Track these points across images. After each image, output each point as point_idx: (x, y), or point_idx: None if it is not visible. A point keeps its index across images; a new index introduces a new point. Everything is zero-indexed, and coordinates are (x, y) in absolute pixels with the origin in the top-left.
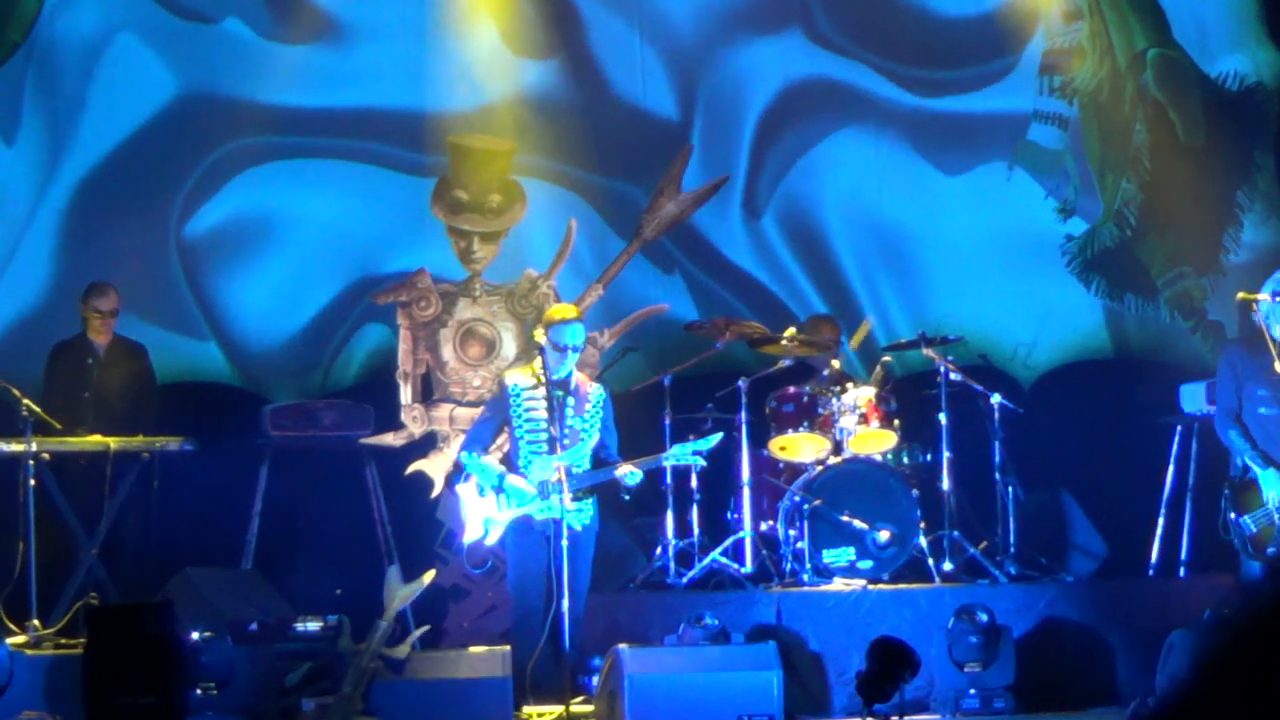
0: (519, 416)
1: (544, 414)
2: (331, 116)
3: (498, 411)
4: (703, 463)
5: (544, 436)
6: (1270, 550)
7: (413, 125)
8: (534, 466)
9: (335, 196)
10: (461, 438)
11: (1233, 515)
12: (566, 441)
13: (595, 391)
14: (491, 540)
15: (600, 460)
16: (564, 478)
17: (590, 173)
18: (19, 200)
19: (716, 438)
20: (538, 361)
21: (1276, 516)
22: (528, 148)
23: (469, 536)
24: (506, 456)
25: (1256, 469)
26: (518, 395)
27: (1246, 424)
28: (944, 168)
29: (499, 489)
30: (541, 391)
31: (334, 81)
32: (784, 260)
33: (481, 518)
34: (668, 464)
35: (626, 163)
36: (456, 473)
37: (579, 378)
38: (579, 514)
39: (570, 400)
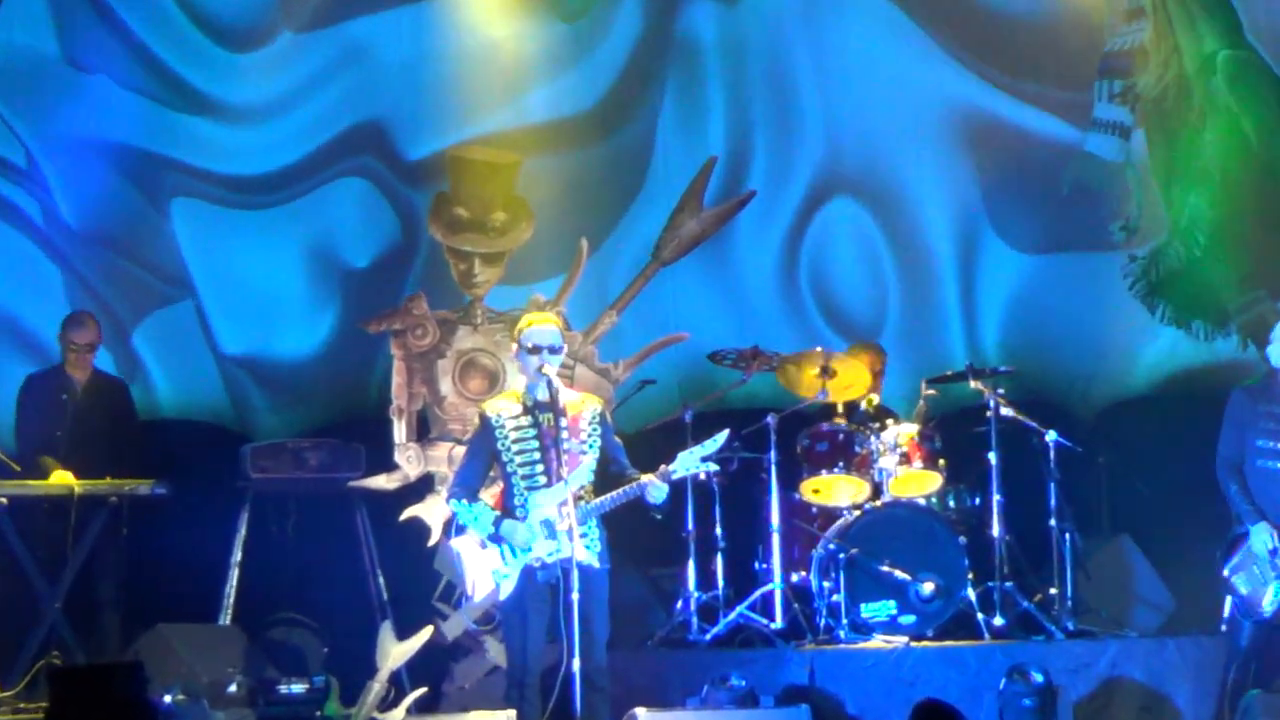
0: (507, 450)
1: (534, 442)
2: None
3: (482, 447)
4: (714, 468)
5: (539, 468)
6: (1266, 610)
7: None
8: (533, 503)
9: None
10: None
11: (1225, 573)
12: (564, 470)
13: (588, 405)
14: (505, 595)
15: (615, 477)
16: (571, 508)
17: (605, 186)
18: None
19: (722, 436)
20: (520, 384)
21: (1269, 572)
22: (533, 157)
23: (479, 594)
24: (502, 497)
25: (1247, 524)
26: (501, 426)
27: (1247, 475)
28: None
29: (495, 539)
30: (528, 418)
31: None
32: (813, 284)
33: (488, 572)
34: (675, 476)
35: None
36: (454, 518)
37: (569, 394)
38: (589, 547)
39: (562, 421)
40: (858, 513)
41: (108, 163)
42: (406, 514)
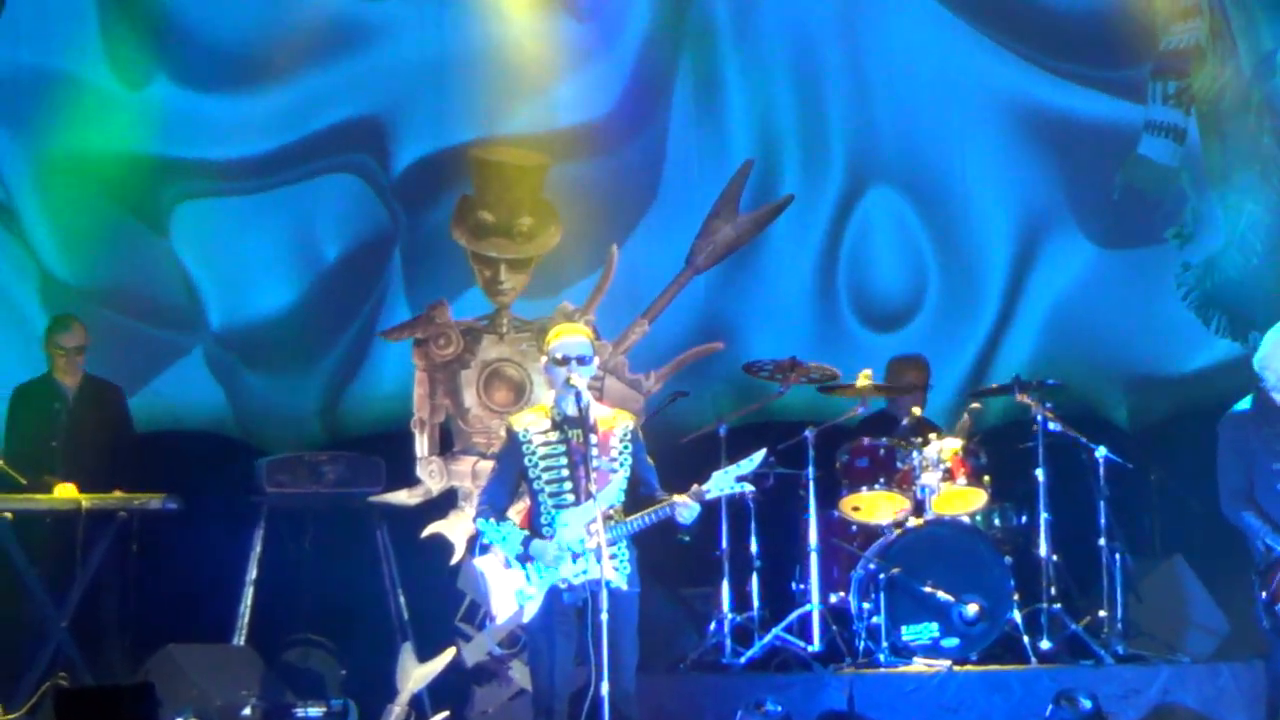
0: (534, 466)
1: (563, 458)
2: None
3: (510, 464)
4: (750, 488)
5: (567, 486)
6: None
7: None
8: (561, 522)
9: None
10: None
11: (1264, 597)
12: (593, 487)
13: (620, 421)
14: (528, 617)
15: (645, 501)
16: (600, 528)
17: (636, 190)
18: None
19: (759, 456)
20: (549, 398)
21: None
22: (562, 160)
23: (502, 615)
24: (529, 515)
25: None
26: (529, 442)
27: (1261, 503)
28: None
29: (523, 559)
30: (556, 434)
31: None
32: (851, 285)
33: (513, 592)
34: (709, 497)
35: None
36: (478, 536)
37: (600, 408)
38: (618, 569)
39: (592, 437)
40: (899, 531)
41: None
42: (428, 531)
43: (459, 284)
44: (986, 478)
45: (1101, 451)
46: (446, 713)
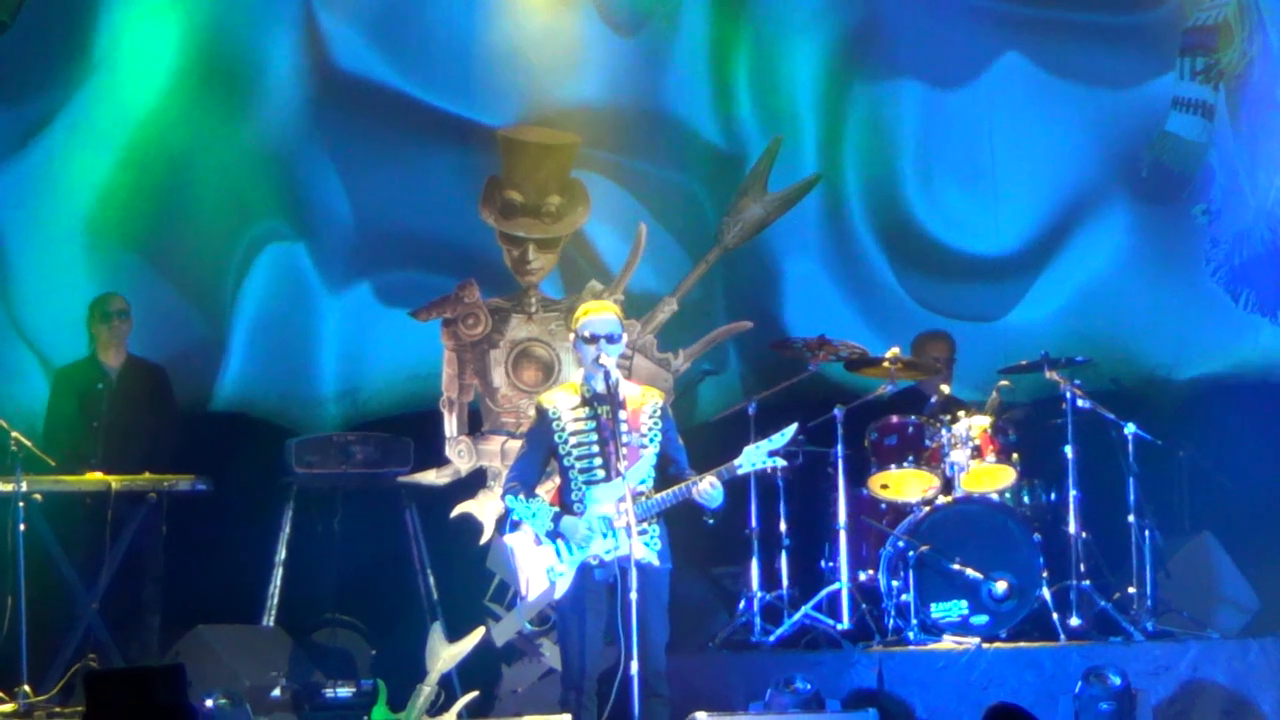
0: (564, 443)
1: (593, 435)
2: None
3: (539, 442)
4: (781, 463)
5: (597, 462)
6: None
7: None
8: (591, 499)
9: None
10: None
11: None
12: (623, 465)
13: (649, 399)
14: (560, 594)
15: (674, 480)
16: (630, 504)
17: (663, 169)
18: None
19: (791, 430)
20: (578, 376)
21: None
22: (591, 141)
23: (533, 593)
24: (559, 492)
25: None
26: (559, 419)
27: None
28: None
29: (553, 535)
30: (586, 410)
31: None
32: (877, 265)
33: (543, 570)
34: (741, 472)
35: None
36: (508, 514)
37: (629, 386)
38: (649, 544)
39: (621, 414)
40: (928, 509)
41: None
42: (457, 510)
43: None
44: (1016, 455)
45: (1131, 428)
46: (476, 693)
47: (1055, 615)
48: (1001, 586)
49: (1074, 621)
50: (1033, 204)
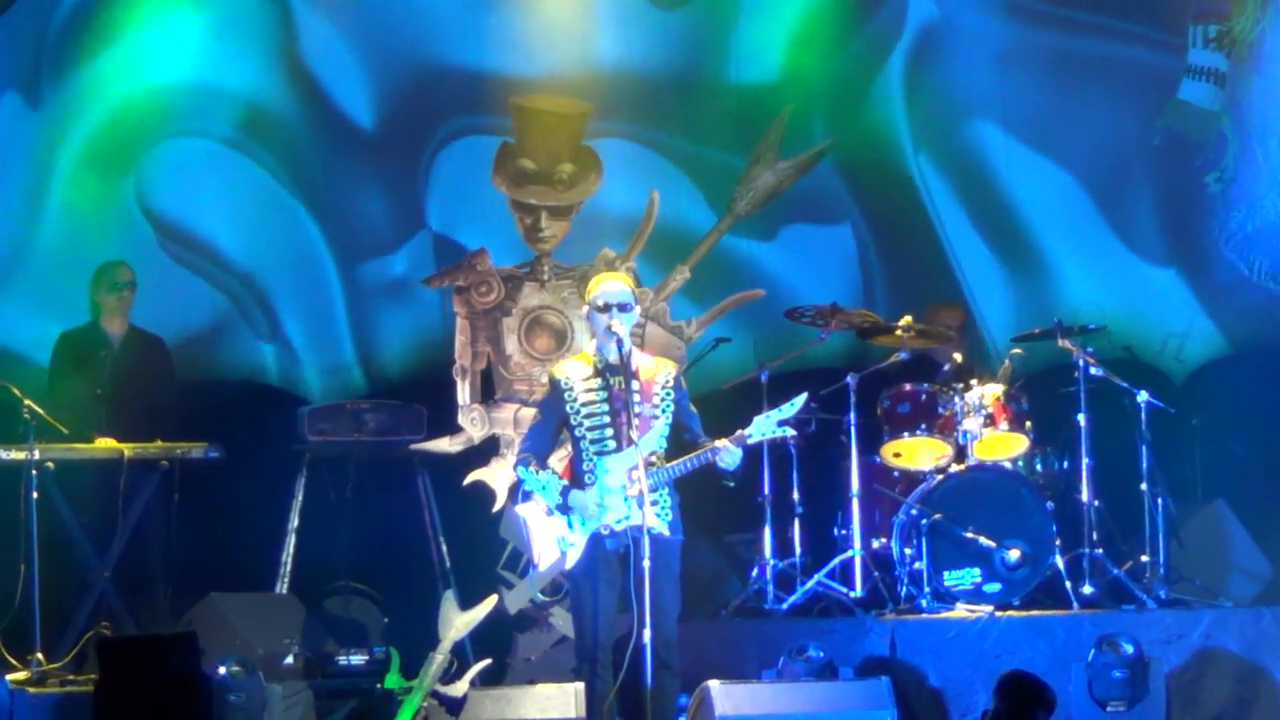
0: (576, 414)
1: (605, 405)
2: None
3: (552, 412)
4: (791, 432)
5: (609, 432)
6: None
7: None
8: (603, 468)
9: None
10: None
11: None
12: (635, 433)
13: (662, 369)
14: (571, 564)
15: (688, 447)
16: (643, 473)
17: (676, 138)
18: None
19: (800, 400)
20: (591, 346)
21: None
22: (603, 109)
23: (544, 563)
24: (571, 462)
25: None
26: (570, 389)
27: None
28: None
29: (563, 509)
30: (598, 381)
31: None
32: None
33: (554, 539)
34: (751, 441)
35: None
36: (520, 484)
37: (642, 357)
38: (660, 515)
39: (634, 383)
40: (941, 477)
41: None
42: (470, 478)
43: None
44: (1028, 423)
45: (1143, 396)
46: (489, 660)
47: (1068, 583)
48: (1014, 554)
49: (1087, 589)
50: (1045, 176)
